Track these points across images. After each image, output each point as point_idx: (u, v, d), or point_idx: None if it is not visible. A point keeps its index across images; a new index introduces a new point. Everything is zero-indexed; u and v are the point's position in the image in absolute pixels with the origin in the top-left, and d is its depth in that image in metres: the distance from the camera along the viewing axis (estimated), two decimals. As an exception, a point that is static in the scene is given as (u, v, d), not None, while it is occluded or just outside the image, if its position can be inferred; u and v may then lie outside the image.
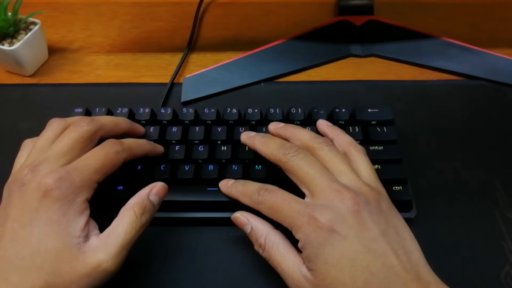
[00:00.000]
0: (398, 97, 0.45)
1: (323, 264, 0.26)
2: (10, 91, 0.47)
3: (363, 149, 0.33)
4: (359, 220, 0.26)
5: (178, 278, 0.33)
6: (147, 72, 0.49)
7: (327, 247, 0.26)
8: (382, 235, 0.26)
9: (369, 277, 0.25)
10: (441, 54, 0.49)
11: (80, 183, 0.28)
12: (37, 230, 0.26)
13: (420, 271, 0.26)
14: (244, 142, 0.35)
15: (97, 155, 0.30)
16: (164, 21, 0.55)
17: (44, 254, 0.26)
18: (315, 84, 0.47)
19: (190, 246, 0.35)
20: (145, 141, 0.35)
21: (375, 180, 0.30)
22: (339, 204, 0.27)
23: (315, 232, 0.26)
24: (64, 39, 0.53)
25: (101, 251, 0.26)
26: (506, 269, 0.33)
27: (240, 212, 0.32)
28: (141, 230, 0.29)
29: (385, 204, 0.28)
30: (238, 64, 0.49)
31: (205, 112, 0.39)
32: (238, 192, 0.32)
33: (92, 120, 0.31)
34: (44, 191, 0.27)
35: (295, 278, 0.27)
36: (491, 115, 0.43)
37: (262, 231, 0.30)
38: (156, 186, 0.31)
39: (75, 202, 0.27)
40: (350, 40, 0.51)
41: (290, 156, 0.30)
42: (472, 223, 0.36)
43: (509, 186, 0.38)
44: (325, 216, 0.26)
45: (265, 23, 0.55)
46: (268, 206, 0.29)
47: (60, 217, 0.26)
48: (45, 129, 0.32)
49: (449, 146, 0.41)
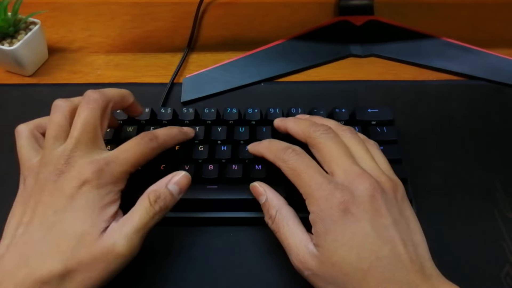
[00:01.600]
0: (398, 97, 0.45)
1: (333, 241, 0.26)
2: (10, 91, 0.47)
3: (376, 144, 0.33)
4: (375, 206, 0.27)
5: (178, 278, 0.33)
6: (147, 72, 0.49)
7: (339, 225, 0.26)
8: (394, 224, 0.27)
9: (375, 261, 0.25)
10: (441, 54, 0.49)
11: (119, 175, 0.29)
12: (70, 215, 0.27)
13: (424, 264, 0.26)
14: (277, 126, 0.35)
15: (135, 149, 0.30)
16: (164, 21, 0.55)
17: (69, 237, 0.26)
18: (315, 84, 0.47)
19: (190, 246, 0.35)
20: (177, 130, 0.35)
21: (392, 172, 0.31)
22: (359, 187, 0.27)
23: (331, 208, 0.27)
24: (64, 39, 0.53)
25: (116, 233, 0.27)
26: (506, 269, 0.33)
27: (258, 182, 0.33)
28: (156, 218, 0.29)
29: (400, 195, 0.29)
30: (238, 64, 0.49)
31: (205, 112, 0.39)
32: (264, 147, 0.33)
33: (101, 94, 0.31)
34: (84, 180, 0.27)
35: (301, 254, 0.28)
36: (491, 115, 0.43)
37: (276, 204, 0.30)
38: (177, 175, 0.31)
39: (112, 191, 0.28)
40: (350, 40, 0.51)
41: (319, 133, 0.31)
42: (472, 223, 0.36)
43: (509, 186, 0.38)
44: (344, 196, 0.27)
45: (265, 23, 0.55)
46: (291, 167, 0.29)
47: (95, 203, 0.27)
48: (52, 112, 0.31)
49: (449, 146, 0.41)
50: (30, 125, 0.33)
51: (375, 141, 0.36)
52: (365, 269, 0.25)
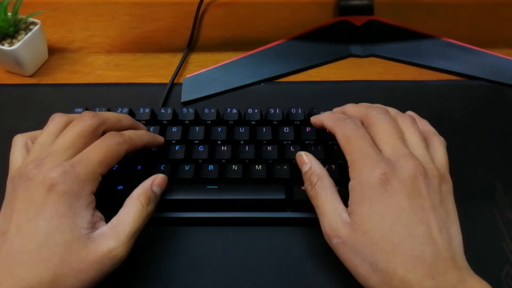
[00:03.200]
0: (398, 97, 0.45)
1: (368, 208, 0.27)
2: (10, 91, 0.47)
3: (444, 141, 0.34)
4: (416, 186, 0.27)
5: (178, 278, 0.33)
6: (147, 72, 0.49)
7: (377, 194, 0.27)
8: (432, 208, 0.27)
9: (407, 236, 0.25)
10: (441, 54, 0.49)
11: (85, 176, 0.28)
12: (44, 224, 0.26)
13: (456, 255, 0.26)
14: (335, 111, 0.37)
15: (99, 147, 0.30)
16: (164, 21, 0.55)
17: (52, 247, 0.26)
18: (315, 84, 0.47)
19: (190, 246, 0.35)
20: (144, 131, 0.36)
21: (446, 168, 0.31)
22: (404, 165, 0.28)
23: (372, 177, 0.27)
24: (64, 39, 0.53)
25: (111, 238, 0.27)
26: (506, 269, 0.33)
27: (304, 152, 0.34)
28: (147, 219, 0.30)
29: (445, 188, 0.29)
30: (238, 64, 0.49)
31: (205, 112, 0.39)
32: (325, 116, 0.34)
33: (95, 115, 0.32)
34: (49, 185, 0.27)
35: (333, 220, 0.28)
36: (491, 115, 0.43)
37: (319, 173, 0.31)
38: (158, 177, 0.33)
39: (81, 195, 0.28)
40: (350, 40, 0.51)
41: (376, 113, 0.32)
42: (472, 223, 0.36)
43: (509, 186, 0.38)
44: (387, 168, 0.27)
45: (265, 23, 0.55)
46: (345, 134, 0.30)
47: (66, 210, 0.27)
48: (47, 123, 0.32)
49: (448, 146, 0.41)
50: (25, 135, 0.33)
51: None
52: (395, 242, 0.25)
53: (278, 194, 0.34)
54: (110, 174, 0.34)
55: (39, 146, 0.30)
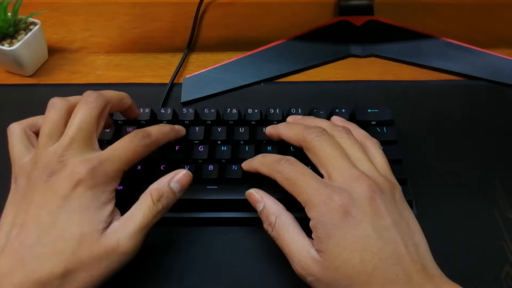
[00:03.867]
0: (398, 97, 0.45)
1: (335, 245, 0.26)
2: (10, 91, 0.47)
3: (378, 142, 0.33)
4: (375, 208, 0.27)
5: (178, 278, 0.33)
6: (147, 72, 0.49)
7: (341, 229, 0.26)
8: (394, 224, 0.27)
9: (378, 262, 0.25)
10: (441, 54, 0.49)
11: (112, 174, 0.28)
12: (65, 216, 0.26)
13: (426, 263, 0.26)
14: (269, 133, 0.35)
15: (128, 147, 0.30)
16: (164, 21, 0.55)
17: (67, 239, 0.26)
18: (315, 84, 0.47)
19: (190, 246, 0.35)
20: (169, 128, 0.35)
21: (390, 173, 0.31)
22: (357, 189, 0.27)
23: (331, 213, 0.26)
24: (64, 39, 0.53)
25: (119, 232, 0.27)
26: (506, 269, 0.33)
27: (254, 189, 0.32)
28: (158, 216, 0.29)
29: (398, 196, 0.29)
30: (238, 64, 0.49)
31: (205, 112, 0.39)
32: (258, 162, 0.32)
33: (99, 96, 0.31)
34: (77, 180, 0.27)
35: (303, 260, 0.27)
36: (491, 115, 0.43)
37: (275, 210, 0.30)
38: (179, 173, 0.31)
39: (106, 191, 0.28)
40: (350, 40, 0.51)
41: (313, 136, 0.30)
42: (472, 223, 0.36)
43: (509, 186, 0.38)
44: (343, 199, 0.27)
45: (265, 23, 0.55)
46: (287, 177, 0.29)
47: (90, 204, 0.27)
48: (48, 110, 0.31)
49: (449, 146, 0.41)
50: (23, 124, 0.32)
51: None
52: (368, 272, 0.25)
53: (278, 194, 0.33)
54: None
55: (47, 138, 0.29)
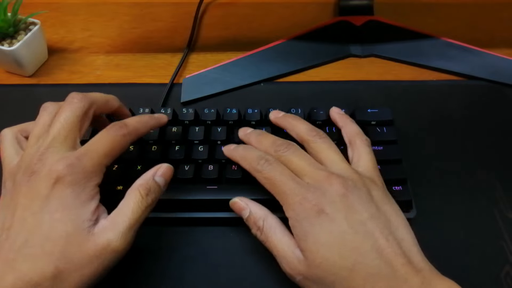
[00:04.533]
0: (398, 97, 0.45)
1: (313, 243, 0.27)
2: (10, 91, 0.46)
3: (368, 139, 0.34)
4: (347, 203, 0.27)
5: (178, 278, 0.33)
6: (147, 72, 0.49)
7: (316, 226, 0.27)
8: (370, 218, 0.27)
9: (359, 257, 0.26)
10: (441, 54, 0.49)
11: (92, 168, 0.28)
12: (48, 216, 0.26)
13: (412, 256, 0.26)
14: (241, 139, 0.36)
15: (105, 139, 0.30)
16: (164, 21, 0.55)
17: (54, 239, 0.26)
18: (315, 84, 0.47)
19: (190, 246, 0.35)
20: (148, 117, 0.34)
21: (372, 170, 0.31)
22: (328, 188, 0.28)
23: (305, 212, 0.27)
24: (64, 39, 0.53)
25: (109, 230, 0.27)
26: (506, 269, 0.33)
27: (238, 197, 0.33)
28: (147, 211, 0.29)
29: (376, 192, 0.29)
30: (238, 64, 0.49)
31: (205, 112, 0.39)
32: (239, 155, 0.33)
33: (84, 97, 0.31)
34: (55, 178, 0.27)
35: (289, 260, 0.28)
36: (491, 115, 0.43)
37: (261, 215, 0.31)
38: (162, 167, 0.32)
39: (87, 186, 0.28)
40: (350, 40, 0.51)
41: (281, 153, 0.31)
42: (472, 223, 0.36)
43: (509, 186, 0.38)
44: (316, 198, 0.28)
45: (265, 23, 0.55)
46: (266, 177, 0.30)
47: (72, 201, 0.27)
48: (40, 114, 0.31)
49: (449, 146, 0.41)
50: (14, 129, 0.33)
51: (374, 141, 0.36)
52: (350, 267, 0.25)
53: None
54: (110, 174, 0.34)
55: (35, 139, 0.29)
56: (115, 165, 0.35)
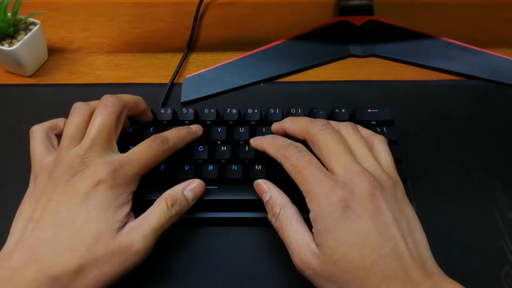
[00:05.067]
0: (398, 97, 0.45)
1: (334, 239, 0.26)
2: (10, 91, 0.46)
3: (384, 139, 0.33)
4: (376, 204, 0.27)
5: (178, 278, 0.33)
6: (147, 72, 0.49)
7: (340, 223, 0.26)
8: (394, 221, 0.27)
9: (377, 258, 0.25)
10: (441, 54, 0.49)
11: (131, 176, 0.30)
12: (84, 214, 0.28)
13: (425, 261, 0.26)
14: (274, 130, 0.35)
15: (148, 152, 0.31)
16: (164, 21, 0.55)
17: (84, 235, 0.27)
18: (315, 84, 0.47)
19: (190, 246, 0.35)
20: (186, 131, 0.36)
21: (393, 170, 0.31)
22: (359, 185, 0.27)
23: (331, 206, 0.27)
24: (64, 39, 0.53)
25: (135, 232, 0.29)
26: (506, 269, 0.33)
27: (262, 179, 0.33)
28: (171, 221, 0.31)
29: (400, 194, 0.29)
30: (238, 64, 0.49)
31: (205, 112, 0.39)
32: (267, 143, 0.33)
33: (117, 100, 0.32)
34: (98, 180, 0.28)
35: (302, 252, 0.27)
36: (491, 115, 0.43)
37: (280, 202, 0.30)
38: (193, 182, 0.33)
39: (125, 192, 0.30)
40: (350, 40, 0.51)
41: (318, 129, 0.30)
42: (472, 223, 0.36)
43: (509, 186, 0.38)
44: (344, 193, 0.27)
45: (265, 24, 0.55)
46: (293, 164, 0.29)
47: (109, 203, 0.28)
48: (71, 114, 0.32)
49: (449, 146, 0.41)
50: (45, 126, 0.34)
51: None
52: (367, 267, 0.25)
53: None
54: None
55: (69, 140, 0.31)
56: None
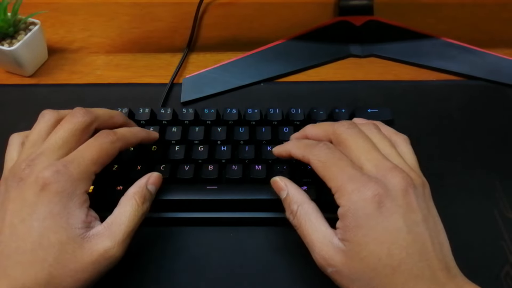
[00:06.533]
0: (398, 97, 0.45)
1: (364, 235, 0.26)
2: (10, 91, 0.46)
3: (407, 138, 0.33)
4: (408, 201, 0.26)
5: (178, 278, 0.33)
6: (147, 73, 0.49)
7: (372, 219, 0.26)
8: (424, 220, 0.26)
9: (406, 257, 0.25)
10: (441, 54, 0.49)
11: (78, 176, 0.28)
12: (37, 224, 0.26)
13: (449, 263, 0.26)
14: (296, 138, 0.34)
15: (92, 146, 0.29)
16: (164, 21, 0.55)
17: (47, 247, 0.26)
18: (315, 84, 0.47)
19: (190, 247, 0.35)
20: (139, 128, 0.35)
21: (419, 169, 0.31)
22: (392, 180, 0.27)
23: (364, 201, 0.26)
24: (64, 39, 0.53)
25: (106, 238, 0.27)
26: (506, 269, 0.33)
27: (279, 176, 0.32)
28: (143, 218, 0.30)
29: (427, 193, 0.29)
30: (238, 64, 0.49)
31: (205, 112, 0.39)
32: (292, 145, 0.32)
33: (87, 111, 0.31)
34: (42, 185, 0.26)
35: (324, 249, 0.27)
36: (491, 115, 0.43)
37: (298, 199, 0.30)
38: (152, 176, 0.33)
39: (75, 194, 0.27)
40: (350, 40, 0.51)
41: (344, 128, 0.30)
42: (472, 223, 0.36)
43: (509, 186, 0.38)
44: (378, 188, 0.26)
45: (265, 24, 0.55)
46: (322, 159, 0.29)
47: (60, 210, 0.26)
48: (37, 121, 0.31)
49: (449, 146, 0.41)
50: (22, 135, 0.32)
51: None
52: (394, 266, 0.25)
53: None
54: (110, 174, 0.34)
55: (30, 145, 0.30)
56: (115, 165, 0.35)
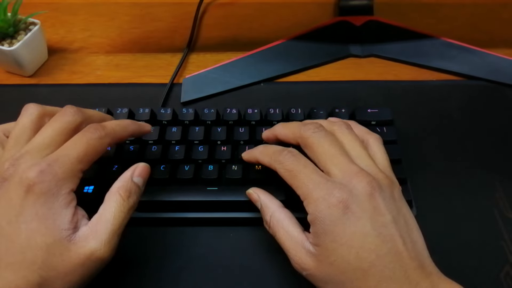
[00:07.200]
0: (398, 97, 0.45)
1: (331, 241, 0.26)
2: (10, 91, 0.46)
3: (379, 138, 0.33)
4: (374, 204, 0.26)
5: (178, 279, 0.33)
6: (147, 73, 0.49)
7: (339, 225, 0.26)
8: (393, 221, 0.26)
9: (375, 259, 0.25)
10: (441, 54, 0.49)
11: (63, 175, 0.26)
12: (24, 226, 0.25)
13: (423, 261, 0.26)
14: (266, 137, 0.34)
15: (79, 143, 0.28)
16: (164, 22, 0.55)
17: (35, 249, 0.25)
18: (315, 84, 0.47)
19: (190, 247, 0.35)
20: (129, 121, 0.33)
21: (390, 170, 0.31)
22: (357, 185, 0.27)
23: (330, 208, 0.26)
24: (64, 40, 0.53)
25: (92, 239, 0.26)
26: (506, 269, 0.33)
27: (252, 188, 0.32)
28: (130, 213, 0.28)
29: (397, 193, 0.29)
30: (238, 65, 0.49)
31: (205, 112, 0.39)
32: (259, 152, 0.32)
33: (79, 111, 0.30)
34: (26, 186, 0.25)
35: (298, 254, 0.27)
36: (491, 115, 0.43)
37: (269, 209, 0.30)
38: (138, 167, 0.30)
39: (60, 194, 0.26)
40: (349, 41, 0.51)
41: (311, 132, 0.30)
42: (472, 223, 0.36)
43: (509, 186, 0.38)
44: (343, 195, 0.26)
45: (264, 24, 0.55)
46: (288, 168, 0.29)
47: (46, 211, 0.26)
48: (20, 115, 0.30)
49: (449, 146, 0.41)
50: (1, 127, 0.32)
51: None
52: (365, 269, 0.25)
53: (278, 195, 0.33)
54: (110, 174, 0.34)
55: (13, 142, 0.28)
56: (115, 165, 0.35)
